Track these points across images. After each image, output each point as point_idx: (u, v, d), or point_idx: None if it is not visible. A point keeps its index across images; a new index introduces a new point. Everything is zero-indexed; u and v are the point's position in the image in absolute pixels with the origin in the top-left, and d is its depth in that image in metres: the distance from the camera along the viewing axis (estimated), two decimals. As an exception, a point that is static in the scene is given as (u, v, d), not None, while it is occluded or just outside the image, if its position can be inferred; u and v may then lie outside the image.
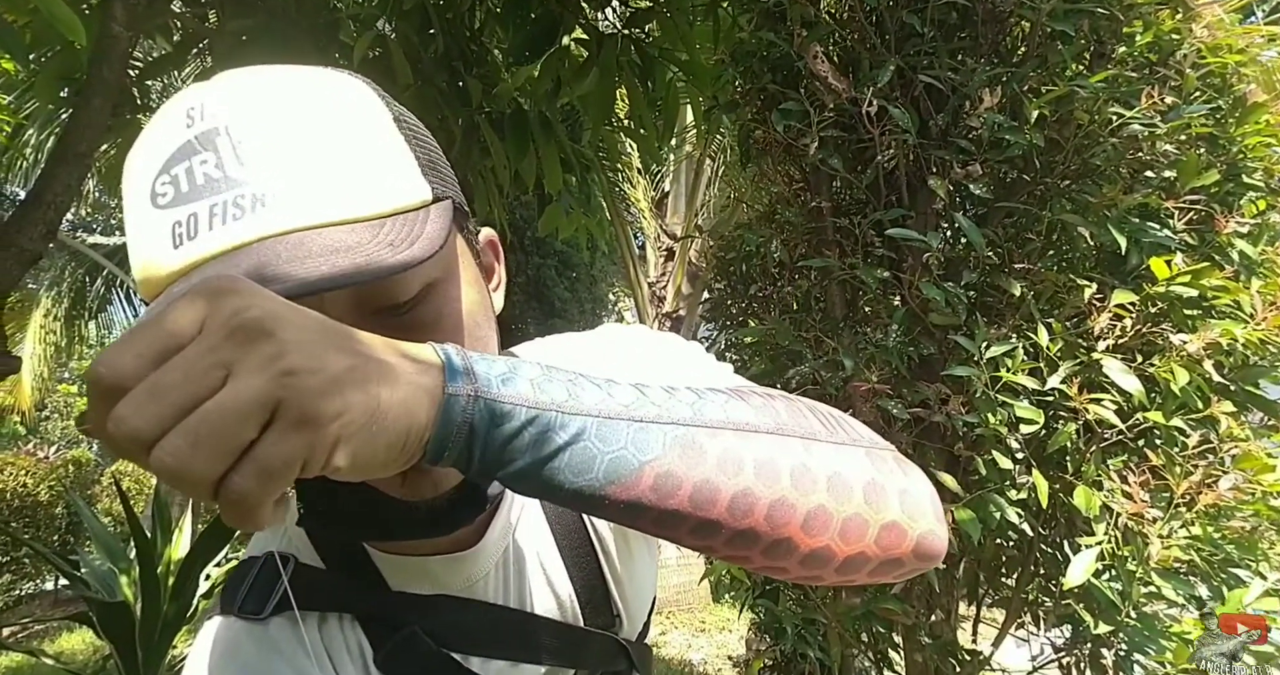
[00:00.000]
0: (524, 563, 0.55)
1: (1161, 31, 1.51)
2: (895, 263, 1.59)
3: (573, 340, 0.61)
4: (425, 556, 0.51)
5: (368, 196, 0.38)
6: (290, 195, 0.36)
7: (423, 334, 0.38)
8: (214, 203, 0.36)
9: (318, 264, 0.34)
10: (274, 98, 0.39)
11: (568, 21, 2.09)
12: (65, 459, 7.85)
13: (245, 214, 0.36)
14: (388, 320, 0.39)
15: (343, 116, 0.40)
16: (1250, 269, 1.47)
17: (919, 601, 1.59)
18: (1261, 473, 1.31)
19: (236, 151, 0.37)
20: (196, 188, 0.37)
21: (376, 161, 0.39)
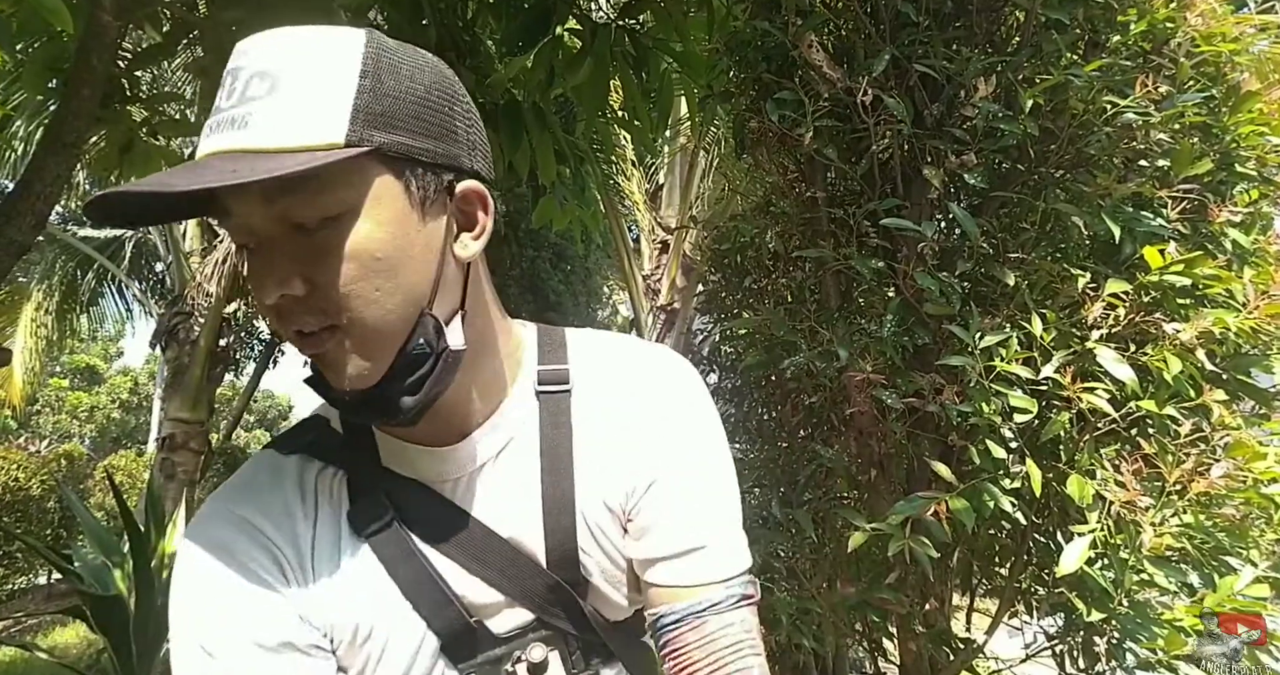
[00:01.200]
0: (502, 486, 0.61)
1: (1155, 20, 1.51)
2: (890, 253, 1.59)
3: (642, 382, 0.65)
4: (405, 442, 0.60)
5: (281, 133, 0.47)
6: (233, 123, 0.47)
7: (323, 258, 0.49)
8: (216, 120, 0.48)
9: (218, 175, 0.44)
10: (274, 46, 0.49)
11: (561, 11, 2.07)
12: (57, 453, 7.82)
13: (215, 133, 0.48)
14: (299, 238, 0.49)
15: (304, 66, 0.48)
16: (1242, 258, 1.47)
17: (913, 591, 1.60)
18: (1252, 461, 1.32)
19: (235, 84, 0.48)
20: (218, 107, 0.49)
21: (304, 107, 0.47)
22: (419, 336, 0.52)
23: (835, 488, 1.83)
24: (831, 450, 1.69)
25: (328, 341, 0.50)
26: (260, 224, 0.49)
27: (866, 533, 1.42)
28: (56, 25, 1.41)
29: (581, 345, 0.67)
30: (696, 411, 0.65)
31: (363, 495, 0.59)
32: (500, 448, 0.61)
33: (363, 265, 0.49)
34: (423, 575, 0.58)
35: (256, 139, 0.46)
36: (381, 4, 2.08)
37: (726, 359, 2.35)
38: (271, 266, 0.49)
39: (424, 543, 0.59)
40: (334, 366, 0.51)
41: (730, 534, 0.62)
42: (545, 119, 2.30)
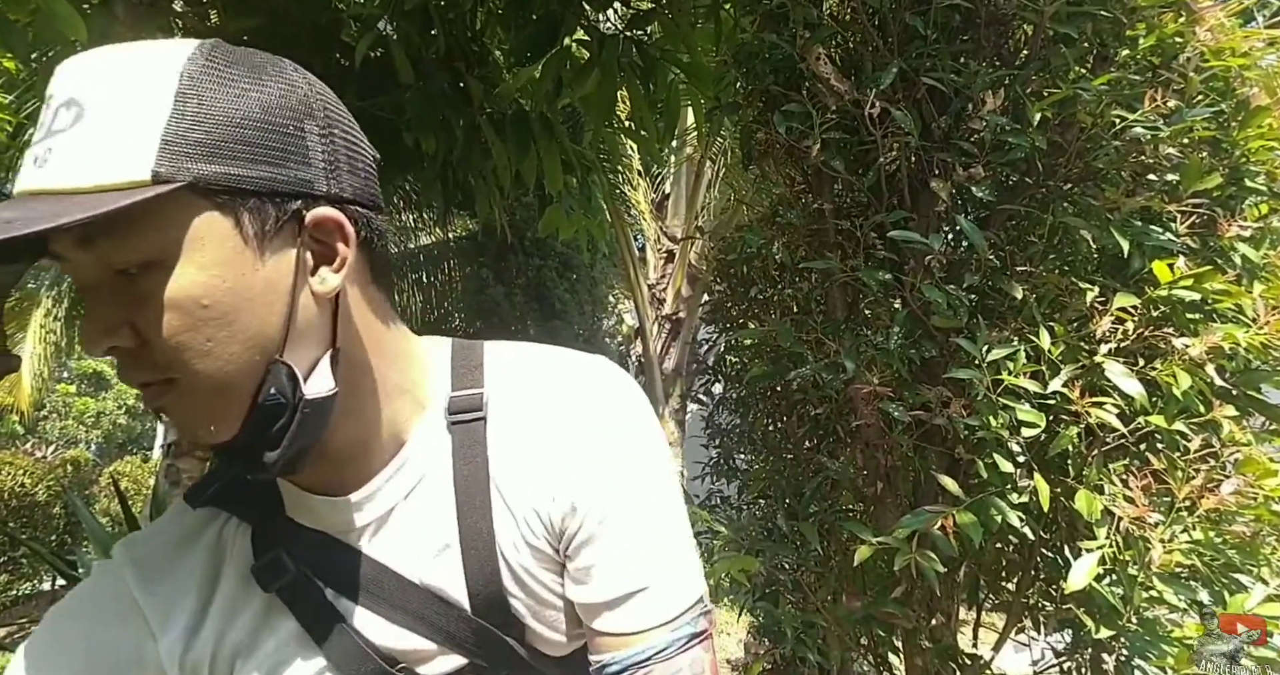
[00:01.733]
0: (414, 530, 0.57)
1: (1164, 35, 1.51)
2: (897, 265, 1.59)
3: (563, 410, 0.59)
4: (305, 491, 0.57)
5: (78, 172, 0.42)
6: (35, 160, 0.43)
7: (148, 306, 0.44)
8: (29, 154, 0.44)
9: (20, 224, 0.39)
10: (85, 72, 0.45)
11: (569, 22, 2.09)
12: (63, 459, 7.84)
13: (28, 170, 0.44)
14: (124, 284, 0.45)
15: (114, 94, 0.44)
16: (1252, 273, 1.47)
17: (919, 605, 1.58)
18: (1263, 477, 1.31)
19: (51, 117, 0.44)
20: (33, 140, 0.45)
21: (107, 142, 0.43)
22: (269, 386, 0.47)
23: (841, 500, 1.82)
24: (837, 463, 1.69)
25: (164, 395, 0.47)
26: (83, 270, 0.45)
27: (873, 546, 1.41)
28: (70, 35, 1.43)
29: (501, 364, 0.61)
30: (628, 431, 0.58)
31: (267, 549, 0.57)
32: (409, 489, 0.57)
33: (188, 314, 0.45)
34: (335, 629, 0.56)
35: (54, 178, 0.42)
36: (391, 14, 2.10)
37: (732, 369, 2.34)
38: (96, 315, 0.45)
39: (337, 594, 0.57)
40: (178, 423, 0.48)
41: (675, 568, 0.57)
42: (552, 129, 2.32)
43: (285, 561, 0.56)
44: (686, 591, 0.57)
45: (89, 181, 0.42)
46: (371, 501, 0.57)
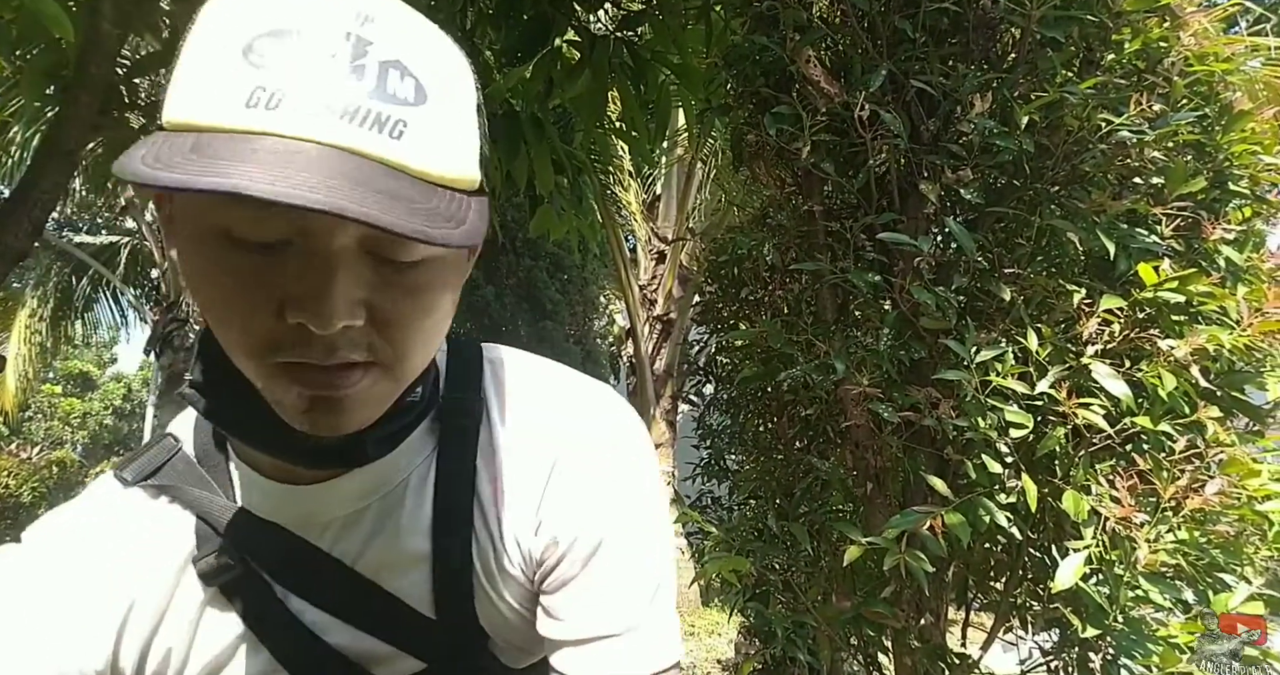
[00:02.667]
0: (384, 533, 0.53)
1: (1150, 39, 1.52)
2: (886, 267, 1.60)
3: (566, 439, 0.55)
4: (266, 478, 0.51)
5: (438, 159, 0.39)
6: (380, 123, 0.37)
7: (404, 295, 0.41)
8: (306, 94, 0.36)
9: (376, 201, 0.34)
10: (407, 34, 0.40)
11: (560, 23, 2.09)
12: (49, 460, 7.78)
13: (330, 120, 0.36)
14: (382, 269, 0.41)
15: (448, 79, 0.41)
16: (1236, 275, 1.48)
17: (908, 605, 1.59)
18: (1247, 477, 1.32)
19: (353, 64, 0.37)
20: (303, 70, 0.36)
21: (455, 133, 0.40)
22: (418, 385, 0.48)
23: (831, 501, 1.83)
24: (828, 463, 1.69)
25: (360, 379, 0.42)
26: (343, 242, 0.39)
27: (862, 546, 1.41)
28: (57, 33, 1.42)
29: (500, 371, 0.58)
30: (632, 468, 0.55)
31: (211, 541, 0.51)
32: (388, 487, 0.53)
33: (430, 310, 0.43)
34: (284, 627, 0.52)
35: (413, 157, 0.37)
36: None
37: (723, 370, 2.35)
38: (342, 291, 0.39)
39: (288, 591, 0.52)
40: (347, 410, 0.42)
41: (656, 622, 0.53)
42: (543, 129, 2.31)
43: (231, 554, 0.51)
44: (667, 649, 0.53)
45: (442, 172, 0.39)
46: (341, 496, 0.52)
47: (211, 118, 0.36)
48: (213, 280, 0.40)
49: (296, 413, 0.42)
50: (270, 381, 0.41)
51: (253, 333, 0.40)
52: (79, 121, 1.58)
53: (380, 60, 0.38)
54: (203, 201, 0.38)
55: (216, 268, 0.39)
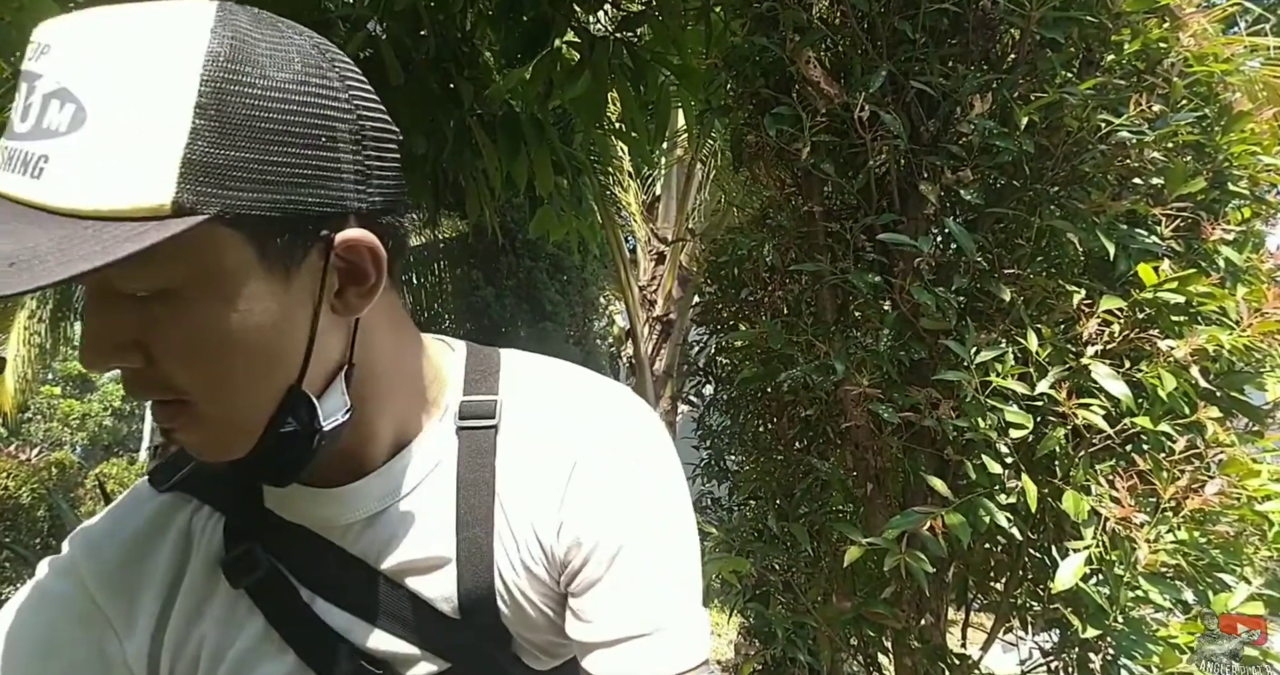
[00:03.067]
0: (407, 533, 0.53)
1: (1149, 40, 1.53)
2: (886, 267, 1.60)
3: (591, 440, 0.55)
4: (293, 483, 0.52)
5: (85, 189, 0.36)
6: (25, 163, 0.36)
7: (159, 330, 0.40)
8: (7, 147, 0.37)
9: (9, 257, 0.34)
10: (83, 54, 0.37)
11: (559, 24, 2.09)
12: (48, 461, 7.76)
13: (13, 171, 0.37)
14: (133, 304, 0.40)
15: (130, 92, 0.36)
16: (1235, 276, 1.48)
17: (909, 606, 1.59)
18: (1246, 478, 1.33)
19: (30, 100, 0.37)
20: (12, 126, 0.37)
21: (131, 151, 0.36)
22: (286, 416, 0.44)
23: (831, 501, 1.83)
24: (828, 463, 1.69)
25: (178, 416, 0.43)
26: (93, 285, 0.40)
27: (862, 547, 1.42)
28: (56, 35, 1.41)
29: (518, 373, 0.58)
30: (654, 467, 0.55)
31: (239, 542, 0.53)
32: (407, 490, 0.53)
33: (209, 345, 0.41)
34: (309, 629, 0.53)
35: (55, 195, 0.35)
36: (380, 15, 2.09)
37: (722, 370, 2.35)
38: (102, 331, 0.39)
39: (314, 593, 0.53)
40: (189, 442, 0.44)
41: (686, 620, 0.53)
42: (543, 130, 2.32)
43: (258, 556, 0.52)
44: (696, 647, 0.53)
45: (97, 205, 0.35)
46: (362, 498, 0.53)
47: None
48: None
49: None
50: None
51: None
52: (79, 123, 1.57)
53: (44, 93, 0.36)
54: None
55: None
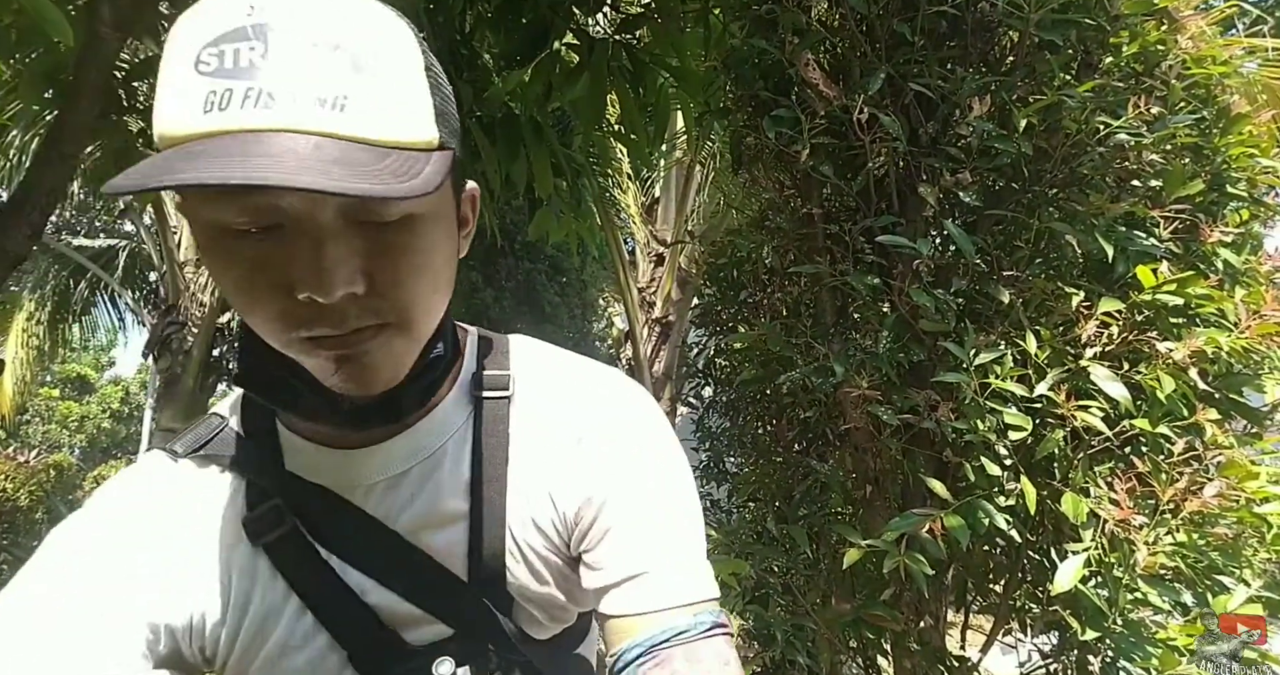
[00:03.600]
0: (424, 495, 0.56)
1: (1147, 43, 1.53)
2: (885, 269, 1.60)
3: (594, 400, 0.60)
4: (313, 443, 0.56)
5: (385, 124, 0.41)
6: (320, 101, 0.40)
7: (397, 256, 0.45)
8: (250, 86, 0.39)
9: (328, 170, 0.38)
10: (328, 11, 0.42)
11: (559, 26, 2.09)
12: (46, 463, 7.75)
13: (276, 104, 0.39)
14: (368, 233, 0.44)
15: (383, 48, 0.43)
16: (1234, 278, 1.49)
17: (908, 608, 1.59)
18: (1245, 480, 1.33)
19: (285, 49, 0.40)
20: (240, 69, 0.39)
21: (400, 97, 0.43)
22: (438, 341, 0.52)
23: (830, 503, 1.83)
24: (827, 465, 1.69)
25: (371, 340, 0.46)
26: (325, 216, 0.42)
27: (862, 549, 1.41)
28: (56, 37, 1.42)
29: (526, 353, 0.63)
30: (652, 432, 0.60)
31: (261, 502, 0.55)
32: (428, 452, 0.56)
33: (424, 267, 0.47)
34: (328, 585, 0.55)
35: (358, 126, 0.40)
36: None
37: (721, 372, 2.35)
38: (341, 259, 0.42)
39: (331, 552, 0.55)
40: (372, 368, 0.47)
41: (694, 557, 0.56)
42: (542, 132, 2.32)
43: (280, 514, 0.54)
44: (705, 583, 0.55)
45: (393, 136, 0.41)
46: (389, 458, 0.55)
47: (178, 128, 0.40)
48: (226, 270, 0.44)
49: (328, 376, 0.47)
50: (300, 353, 0.46)
51: (272, 314, 0.44)
52: (78, 125, 1.57)
53: (312, 43, 0.40)
54: (194, 200, 0.43)
55: (226, 258, 0.43)
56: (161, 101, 0.41)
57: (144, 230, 7.81)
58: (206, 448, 0.57)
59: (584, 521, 0.56)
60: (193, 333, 6.74)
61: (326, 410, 0.50)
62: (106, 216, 9.10)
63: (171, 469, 0.57)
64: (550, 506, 0.57)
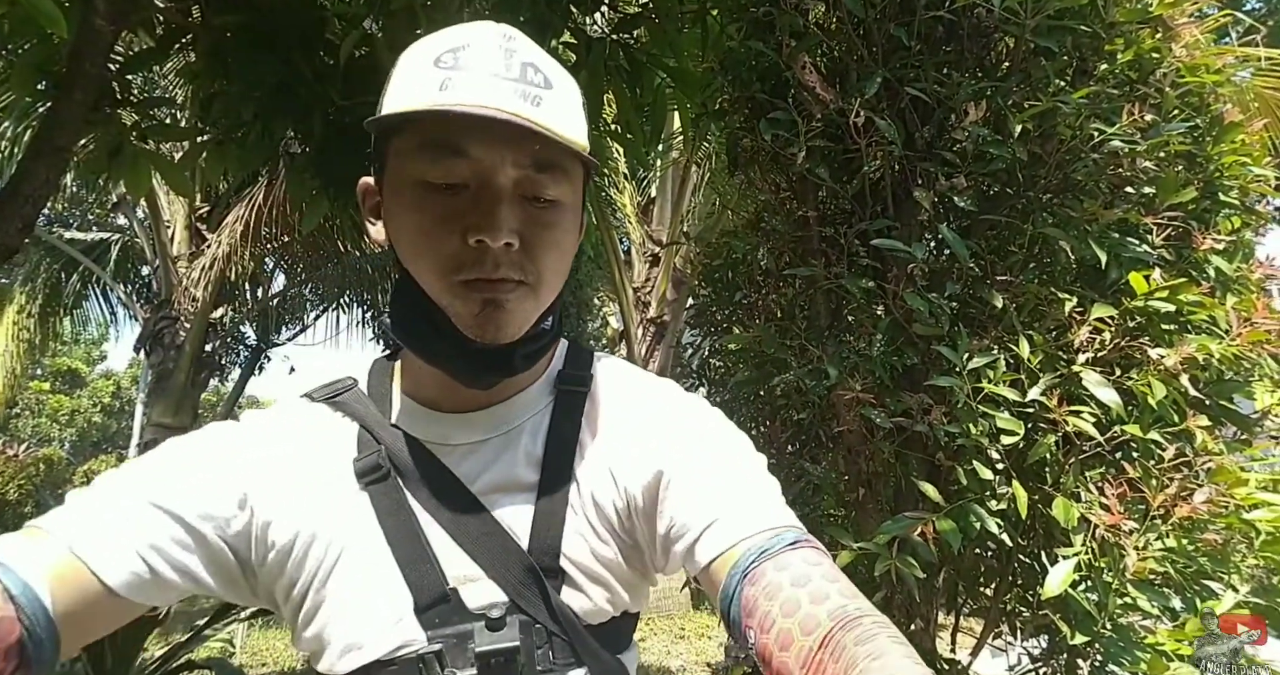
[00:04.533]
0: (502, 463, 0.64)
1: (1142, 50, 1.54)
2: (880, 273, 1.60)
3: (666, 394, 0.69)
4: (421, 405, 0.66)
5: (564, 123, 0.57)
6: (525, 96, 0.55)
7: (543, 229, 0.58)
8: (480, 76, 0.55)
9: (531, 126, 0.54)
10: (530, 45, 0.60)
11: (556, 25, 2.09)
12: (36, 457, 7.72)
13: (496, 91, 0.54)
14: (527, 207, 0.58)
15: (563, 78, 0.60)
16: (1225, 285, 1.49)
17: (899, 611, 1.60)
18: (1234, 486, 1.33)
19: (511, 60, 0.56)
20: (473, 65, 0.55)
21: (574, 112, 0.60)
22: (549, 315, 0.63)
23: (823, 505, 1.83)
24: (820, 468, 1.69)
25: (514, 291, 0.57)
26: (504, 182, 0.56)
27: (854, 551, 1.42)
28: (50, 29, 1.41)
29: (607, 363, 0.73)
30: (709, 414, 0.67)
31: (369, 448, 0.64)
32: (509, 427, 0.65)
33: (559, 244, 0.60)
34: (407, 528, 0.61)
35: (549, 120, 0.55)
36: (376, 13, 2.08)
37: (715, 373, 2.35)
38: (507, 218, 0.56)
39: (416, 501, 0.62)
40: (508, 314, 0.57)
41: (764, 496, 0.59)
42: (539, 131, 2.31)
43: (382, 459, 0.63)
44: (780, 512, 0.58)
45: (568, 134, 0.56)
46: (481, 423, 0.64)
47: (414, 103, 0.55)
48: (415, 219, 0.57)
49: (471, 319, 0.57)
50: (453, 295, 0.57)
51: (443, 255, 0.56)
52: (72, 118, 1.56)
53: (522, 61, 0.57)
54: (405, 155, 0.57)
55: (417, 208, 0.57)
56: (399, 89, 0.57)
57: (137, 224, 7.77)
58: (337, 397, 0.67)
59: (656, 495, 0.61)
60: (185, 327, 6.70)
61: (453, 352, 0.59)
62: (99, 210, 9.05)
63: (308, 407, 0.68)
64: (612, 485, 0.63)
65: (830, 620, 0.47)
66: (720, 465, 0.61)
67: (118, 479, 0.58)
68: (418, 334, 0.61)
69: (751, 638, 0.50)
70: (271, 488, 0.61)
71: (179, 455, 0.61)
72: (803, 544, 0.54)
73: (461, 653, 0.58)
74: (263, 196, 6.13)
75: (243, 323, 8.95)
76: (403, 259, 0.60)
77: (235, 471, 0.61)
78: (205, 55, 2.08)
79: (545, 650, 0.59)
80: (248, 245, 6.27)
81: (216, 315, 7.14)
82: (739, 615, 0.52)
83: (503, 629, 0.58)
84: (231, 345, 8.76)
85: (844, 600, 0.48)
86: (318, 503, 0.61)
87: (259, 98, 2.08)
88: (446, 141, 0.55)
